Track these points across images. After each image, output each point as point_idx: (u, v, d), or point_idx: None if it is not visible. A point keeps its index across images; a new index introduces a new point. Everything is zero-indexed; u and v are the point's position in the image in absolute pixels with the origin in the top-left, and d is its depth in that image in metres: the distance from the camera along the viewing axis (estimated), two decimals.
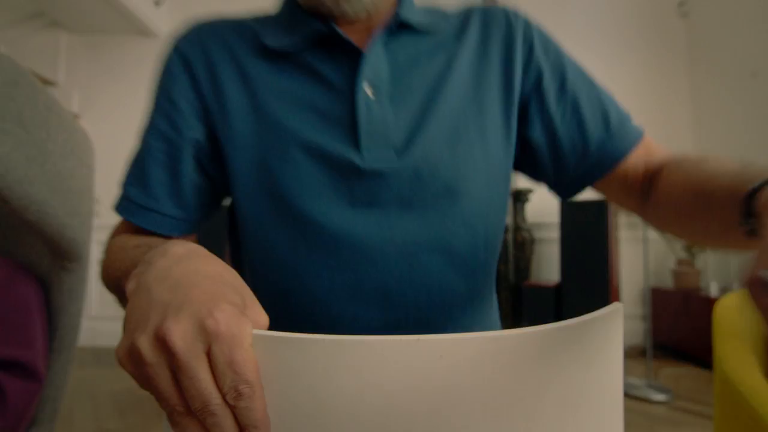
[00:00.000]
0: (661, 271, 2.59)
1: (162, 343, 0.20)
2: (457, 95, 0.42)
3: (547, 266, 2.53)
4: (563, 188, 0.47)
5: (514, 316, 2.27)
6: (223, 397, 0.20)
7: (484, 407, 0.23)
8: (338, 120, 0.40)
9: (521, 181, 2.54)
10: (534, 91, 0.44)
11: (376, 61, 0.41)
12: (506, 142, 0.44)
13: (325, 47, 0.42)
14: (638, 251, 2.51)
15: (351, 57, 0.41)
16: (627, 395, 1.80)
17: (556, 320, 1.03)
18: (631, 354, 2.30)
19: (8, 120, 0.47)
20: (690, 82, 2.71)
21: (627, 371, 2.07)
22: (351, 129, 0.40)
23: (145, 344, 0.20)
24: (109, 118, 2.74)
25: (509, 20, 0.46)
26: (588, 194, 1.77)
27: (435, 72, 0.43)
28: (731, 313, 0.76)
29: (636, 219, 2.35)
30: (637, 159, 0.42)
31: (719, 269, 2.41)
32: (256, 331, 0.22)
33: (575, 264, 2.14)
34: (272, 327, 0.23)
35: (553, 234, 2.34)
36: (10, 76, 0.48)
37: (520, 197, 2.34)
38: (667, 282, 2.51)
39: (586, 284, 2.10)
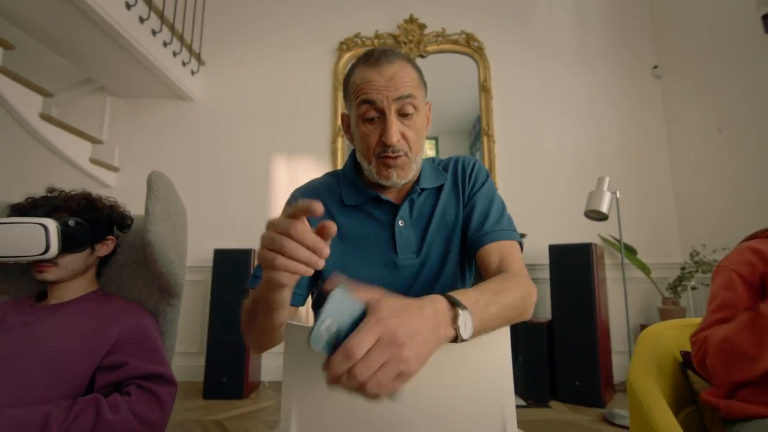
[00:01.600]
0: (649, 309, 2.82)
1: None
2: (443, 213, 0.79)
3: (541, 304, 2.78)
4: (469, 257, 0.79)
5: (512, 352, 2.49)
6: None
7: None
8: (384, 240, 0.76)
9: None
10: (467, 203, 0.79)
11: (404, 210, 0.78)
12: (460, 229, 0.79)
13: (376, 202, 0.79)
14: (626, 290, 2.76)
15: (391, 208, 0.79)
16: (614, 425, 2.00)
17: (548, 355, 1.56)
18: (622, 388, 2.50)
19: (164, 212, 0.80)
20: (667, 137, 3.06)
21: (616, 404, 2.28)
22: (392, 244, 0.76)
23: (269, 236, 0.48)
24: (145, 171, 3.12)
25: (470, 163, 0.82)
26: (573, 238, 2.18)
27: (431, 206, 0.80)
28: (650, 339, 1.03)
29: (618, 260, 2.62)
30: (492, 252, 0.72)
31: (702, 306, 2.64)
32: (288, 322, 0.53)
33: (564, 303, 2.40)
34: None
35: (545, 275, 2.61)
36: (165, 185, 0.82)
37: None
38: (656, 320, 2.73)
39: (575, 321, 2.34)
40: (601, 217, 2.13)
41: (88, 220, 0.93)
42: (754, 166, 2.44)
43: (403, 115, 0.72)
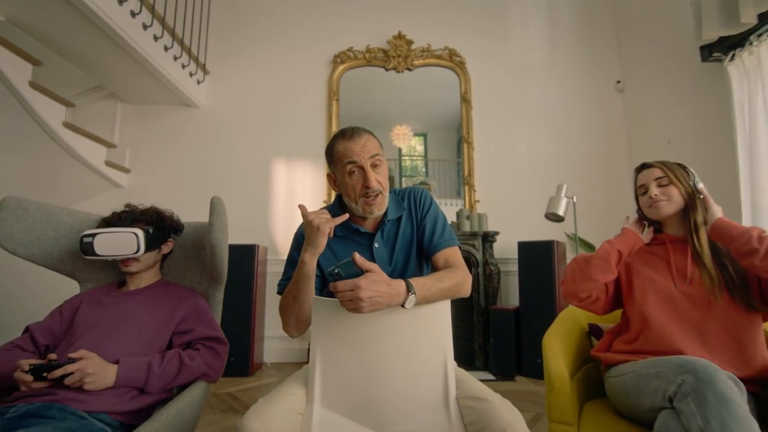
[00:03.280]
0: None
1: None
2: (403, 236, 1.14)
3: (512, 293, 3.20)
4: (426, 259, 1.16)
5: (484, 334, 2.92)
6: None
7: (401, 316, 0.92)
8: (366, 257, 0.99)
9: (490, 225, 3.25)
10: (419, 225, 1.16)
11: (378, 237, 1.11)
12: (416, 243, 1.16)
13: (357, 233, 1.12)
14: None
15: (368, 236, 1.12)
16: None
17: (515, 336, 2.25)
18: None
19: (221, 224, 1.17)
20: (627, 146, 3.48)
21: None
22: (371, 259, 1.07)
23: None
24: (154, 173, 3.47)
25: (419, 194, 1.19)
26: (538, 235, 2.71)
27: (395, 231, 1.14)
28: (567, 313, 1.44)
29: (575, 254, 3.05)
30: (440, 257, 1.09)
31: None
32: (314, 297, 0.93)
33: (530, 291, 2.81)
34: None
35: (515, 267, 3.02)
36: (221, 206, 1.19)
37: (487, 238, 3.03)
38: None
39: (538, 308, 2.77)
40: (558, 218, 2.53)
41: (157, 227, 1.30)
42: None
43: (373, 166, 1.06)
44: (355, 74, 3.56)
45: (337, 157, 1.08)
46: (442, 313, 0.97)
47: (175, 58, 3.13)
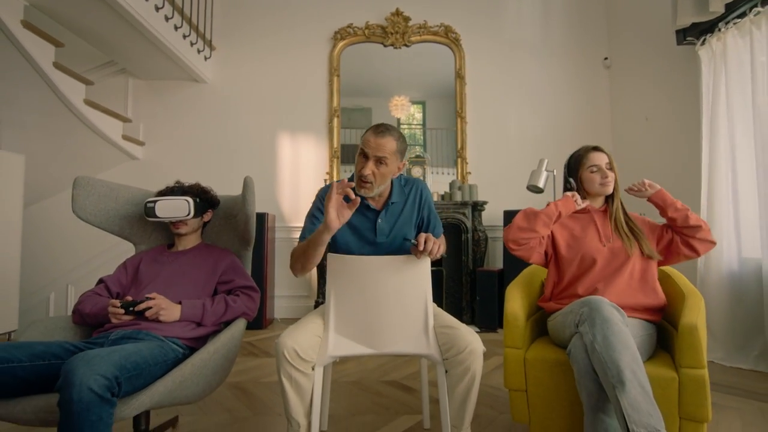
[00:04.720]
0: None
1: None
2: (404, 216, 1.48)
3: (498, 257, 3.60)
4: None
5: (471, 292, 3.33)
6: None
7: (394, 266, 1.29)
8: (370, 228, 1.44)
9: (480, 195, 3.60)
10: (420, 213, 1.52)
11: (383, 214, 1.44)
12: (412, 224, 1.51)
13: (367, 207, 1.45)
14: None
15: (376, 212, 1.45)
16: None
17: (499, 296, 2.89)
18: None
19: (253, 199, 1.53)
20: (611, 121, 3.78)
21: None
22: (374, 231, 1.44)
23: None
24: (167, 145, 3.78)
25: (419, 188, 1.53)
26: (523, 204, 3.15)
27: (398, 212, 1.47)
28: (529, 270, 1.81)
29: None
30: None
31: None
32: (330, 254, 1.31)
33: (512, 255, 3.19)
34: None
35: (500, 234, 3.40)
36: (253, 184, 1.53)
37: (476, 207, 3.39)
38: None
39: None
40: (538, 190, 2.87)
41: (202, 199, 1.65)
42: (669, 147, 3.20)
43: (378, 162, 1.34)
44: (355, 50, 3.80)
45: (362, 140, 1.38)
46: (424, 267, 1.34)
47: (184, 36, 3.37)
